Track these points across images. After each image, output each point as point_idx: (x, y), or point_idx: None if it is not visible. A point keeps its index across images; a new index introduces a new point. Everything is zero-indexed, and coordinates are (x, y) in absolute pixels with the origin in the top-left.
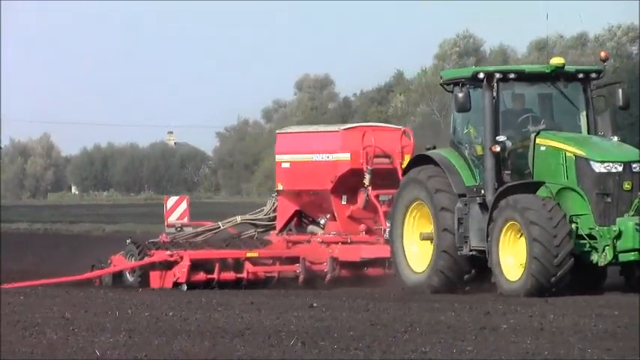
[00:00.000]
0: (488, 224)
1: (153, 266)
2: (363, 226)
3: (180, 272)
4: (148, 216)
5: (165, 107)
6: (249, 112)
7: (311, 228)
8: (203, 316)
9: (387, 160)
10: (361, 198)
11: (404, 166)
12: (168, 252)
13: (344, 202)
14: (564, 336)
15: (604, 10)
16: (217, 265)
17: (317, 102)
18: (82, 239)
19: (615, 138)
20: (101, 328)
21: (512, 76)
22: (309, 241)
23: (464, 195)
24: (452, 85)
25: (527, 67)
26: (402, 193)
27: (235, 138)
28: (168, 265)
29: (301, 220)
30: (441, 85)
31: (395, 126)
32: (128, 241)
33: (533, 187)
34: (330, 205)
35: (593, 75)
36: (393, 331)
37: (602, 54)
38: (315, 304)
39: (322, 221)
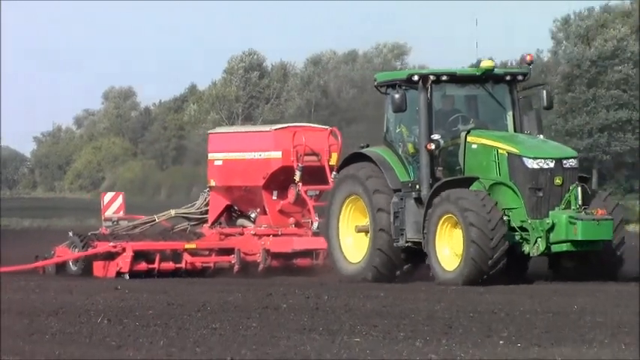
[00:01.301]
0: (425, 217)
1: (96, 256)
2: (292, 220)
3: (124, 262)
4: None
5: None
6: (62, 119)
7: (240, 221)
8: (22, 297)
9: (315, 158)
10: (292, 193)
11: (331, 163)
12: (111, 243)
13: (274, 198)
14: (336, 314)
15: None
16: (158, 256)
17: (121, 110)
18: None
19: (541, 136)
20: None
21: (444, 78)
22: (241, 234)
23: (399, 190)
24: (385, 87)
25: (459, 70)
26: (338, 188)
27: (50, 142)
28: (110, 256)
29: (231, 214)
30: (375, 87)
31: (323, 126)
32: (70, 233)
33: (467, 182)
34: (261, 200)
35: (520, 77)
36: (188, 310)
37: (528, 57)
38: (119, 287)
39: (253, 215)
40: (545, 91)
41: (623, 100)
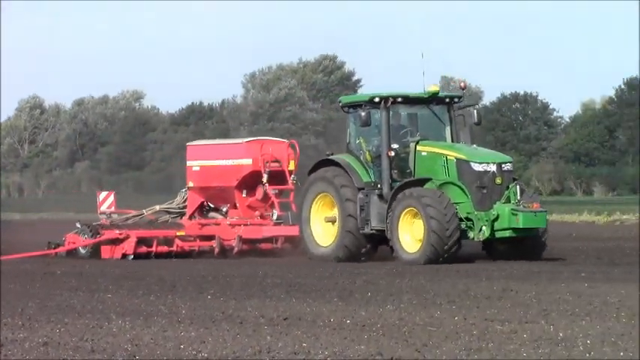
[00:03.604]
0: (388, 210)
1: (103, 242)
2: (257, 213)
3: (129, 246)
4: None
5: None
6: None
7: (212, 214)
8: None
9: (277, 165)
10: (259, 192)
11: (290, 168)
12: (117, 231)
13: (244, 195)
14: (94, 277)
15: None
16: (155, 241)
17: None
18: None
19: (474, 145)
20: None
21: (399, 99)
22: (218, 224)
23: (363, 188)
24: (348, 108)
25: (411, 93)
26: (310, 187)
27: None
28: (116, 241)
29: (202, 208)
30: (341, 107)
31: (283, 140)
32: (78, 223)
33: (423, 182)
34: (232, 198)
35: (456, 99)
36: (67, 277)
37: (462, 84)
38: None
39: (224, 209)
40: (475, 111)
41: (293, 131)
